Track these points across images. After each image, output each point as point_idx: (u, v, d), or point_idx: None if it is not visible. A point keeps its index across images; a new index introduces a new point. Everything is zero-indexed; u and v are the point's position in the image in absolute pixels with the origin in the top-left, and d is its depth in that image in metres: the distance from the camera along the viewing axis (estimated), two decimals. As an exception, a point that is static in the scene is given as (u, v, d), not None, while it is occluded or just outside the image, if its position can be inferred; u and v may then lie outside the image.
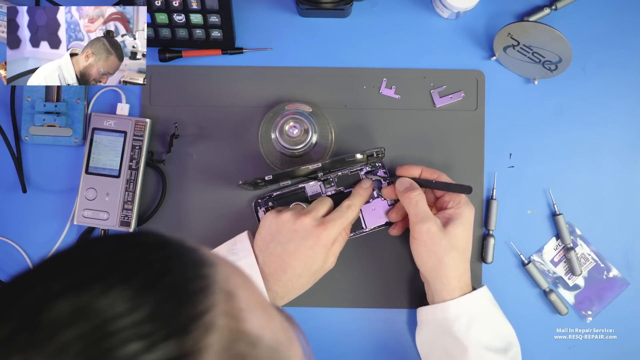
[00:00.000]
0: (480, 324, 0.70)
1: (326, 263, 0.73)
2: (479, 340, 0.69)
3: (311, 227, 0.71)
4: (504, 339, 0.71)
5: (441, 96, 0.80)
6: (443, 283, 0.71)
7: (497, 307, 0.73)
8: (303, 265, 0.71)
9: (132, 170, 0.77)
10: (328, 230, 0.71)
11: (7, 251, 0.80)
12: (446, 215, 0.72)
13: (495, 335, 0.71)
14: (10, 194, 0.80)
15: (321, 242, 0.71)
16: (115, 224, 0.77)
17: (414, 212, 0.72)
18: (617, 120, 0.80)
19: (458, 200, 0.73)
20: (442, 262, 0.70)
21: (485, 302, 0.72)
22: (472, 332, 0.69)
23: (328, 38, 0.81)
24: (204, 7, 0.76)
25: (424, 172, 0.75)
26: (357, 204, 0.75)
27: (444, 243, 0.70)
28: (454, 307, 0.70)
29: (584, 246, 0.80)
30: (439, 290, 0.71)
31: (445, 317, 0.71)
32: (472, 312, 0.70)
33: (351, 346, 0.79)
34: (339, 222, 0.72)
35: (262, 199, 0.79)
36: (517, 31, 0.76)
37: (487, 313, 0.71)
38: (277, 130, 0.74)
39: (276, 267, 0.71)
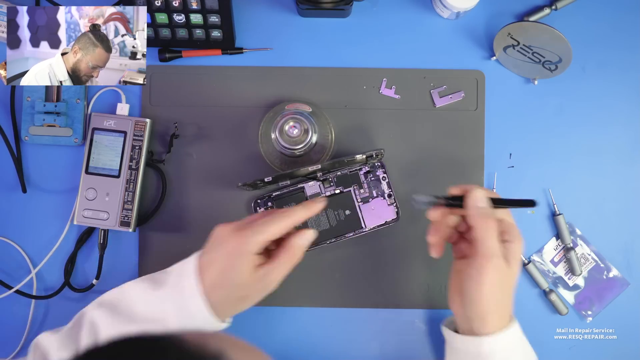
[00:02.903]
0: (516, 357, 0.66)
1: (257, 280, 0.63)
2: None
3: (233, 233, 0.63)
4: None
5: (441, 96, 0.80)
6: (486, 320, 0.64)
7: (525, 341, 0.68)
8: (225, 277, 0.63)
9: (132, 170, 0.77)
10: (244, 238, 0.62)
11: (7, 251, 0.80)
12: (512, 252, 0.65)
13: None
14: (10, 194, 0.80)
15: (238, 251, 0.62)
16: (115, 224, 0.77)
17: (489, 244, 0.63)
18: (617, 120, 0.80)
19: (515, 234, 0.65)
20: (497, 299, 0.64)
21: (519, 337, 0.67)
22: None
23: (328, 38, 0.81)
24: (204, 7, 0.76)
25: None
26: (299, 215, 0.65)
27: (506, 280, 0.64)
28: (488, 344, 0.64)
29: (584, 246, 0.80)
30: (478, 327, 0.65)
31: (479, 352, 0.65)
32: (505, 348, 0.65)
33: (351, 346, 0.79)
34: (262, 227, 0.62)
35: (261, 199, 0.79)
36: (517, 31, 0.76)
37: (521, 348, 0.67)
38: (277, 130, 0.74)
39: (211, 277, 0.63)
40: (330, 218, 0.79)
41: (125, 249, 0.80)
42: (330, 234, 0.79)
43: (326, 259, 0.79)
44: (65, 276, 0.79)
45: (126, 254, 0.80)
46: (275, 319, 0.80)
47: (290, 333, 0.79)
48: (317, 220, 0.78)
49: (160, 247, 0.79)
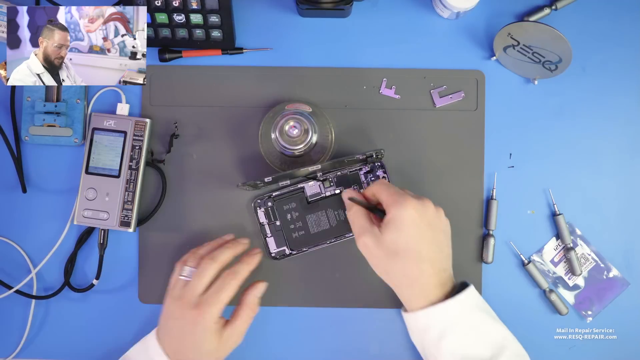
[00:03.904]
0: (454, 334, 0.66)
1: (225, 341, 0.70)
2: (452, 351, 0.66)
3: (189, 313, 0.68)
4: (493, 344, 0.67)
5: (441, 96, 0.80)
6: (400, 293, 0.69)
7: (481, 312, 0.68)
8: (191, 350, 0.69)
9: (132, 170, 0.77)
10: (203, 315, 0.68)
11: (7, 251, 0.80)
12: (384, 223, 0.67)
13: (478, 342, 0.67)
14: (10, 194, 0.80)
15: (200, 327, 0.68)
16: (115, 224, 0.77)
17: (353, 230, 0.70)
18: (617, 120, 0.80)
19: (387, 204, 0.68)
20: (389, 273, 0.68)
21: (462, 312, 0.67)
22: (444, 343, 0.66)
23: (328, 38, 0.81)
24: (204, 7, 0.76)
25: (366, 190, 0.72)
26: (242, 273, 0.71)
27: (381, 253, 0.67)
28: (422, 318, 0.67)
29: (584, 246, 0.80)
30: (405, 301, 0.69)
31: (417, 326, 0.68)
32: (443, 323, 0.66)
33: (351, 346, 0.79)
34: (216, 298, 0.68)
35: (261, 199, 0.79)
36: (517, 31, 0.76)
37: (465, 321, 0.67)
38: (277, 130, 0.74)
39: (174, 352, 0.70)
40: (330, 218, 0.79)
41: (125, 249, 0.80)
42: (330, 234, 0.79)
43: (326, 259, 0.79)
44: (65, 276, 0.79)
45: (126, 254, 0.80)
46: (275, 319, 0.80)
47: (290, 333, 0.79)
48: (317, 220, 0.78)
49: (160, 247, 0.79)
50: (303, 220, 0.79)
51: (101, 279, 0.79)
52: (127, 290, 0.80)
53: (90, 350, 0.80)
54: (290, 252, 0.79)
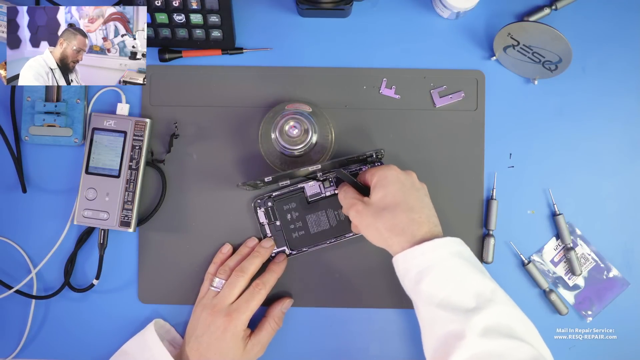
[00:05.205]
0: (433, 276, 0.64)
1: (248, 351, 0.74)
2: (430, 294, 0.64)
3: (219, 319, 0.73)
4: (478, 296, 0.64)
5: (441, 96, 0.80)
6: (391, 245, 0.67)
7: (466, 262, 0.66)
8: (218, 356, 0.72)
9: (132, 170, 0.77)
10: (234, 322, 0.72)
11: (7, 251, 0.80)
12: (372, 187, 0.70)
13: (460, 290, 0.64)
14: (10, 194, 0.80)
15: (229, 333, 0.72)
16: (115, 224, 0.77)
17: (344, 205, 0.72)
18: (617, 120, 0.80)
19: (372, 173, 0.70)
20: (379, 230, 0.67)
21: (441, 255, 0.65)
22: (422, 285, 0.64)
23: (328, 38, 0.81)
24: (204, 7, 0.76)
25: None
26: (270, 282, 0.76)
27: (371, 212, 0.68)
28: (401, 261, 0.66)
29: (584, 246, 0.80)
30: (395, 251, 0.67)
31: (399, 271, 0.67)
32: (422, 264, 0.64)
33: (351, 346, 0.79)
34: (246, 307, 0.73)
35: (261, 198, 0.79)
36: (517, 31, 0.76)
37: (445, 265, 0.64)
38: (277, 130, 0.74)
39: (199, 357, 0.73)
40: (330, 218, 0.79)
41: (125, 249, 0.80)
42: (330, 234, 0.79)
43: (326, 259, 0.79)
44: (65, 276, 0.79)
45: (126, 254, 0.80)
46: (275, 319, 0.80)
47: (290, 333, 0.79)
48: (317, 220, 0.78)
49: (160, 247, 0.79)
50: (303, 220, 0.79)
51: (101, 279, 0.79)
52: (127, 290, 0.80)
53: (90, 350, 0.80)
54: (290, 252, 0.79)
